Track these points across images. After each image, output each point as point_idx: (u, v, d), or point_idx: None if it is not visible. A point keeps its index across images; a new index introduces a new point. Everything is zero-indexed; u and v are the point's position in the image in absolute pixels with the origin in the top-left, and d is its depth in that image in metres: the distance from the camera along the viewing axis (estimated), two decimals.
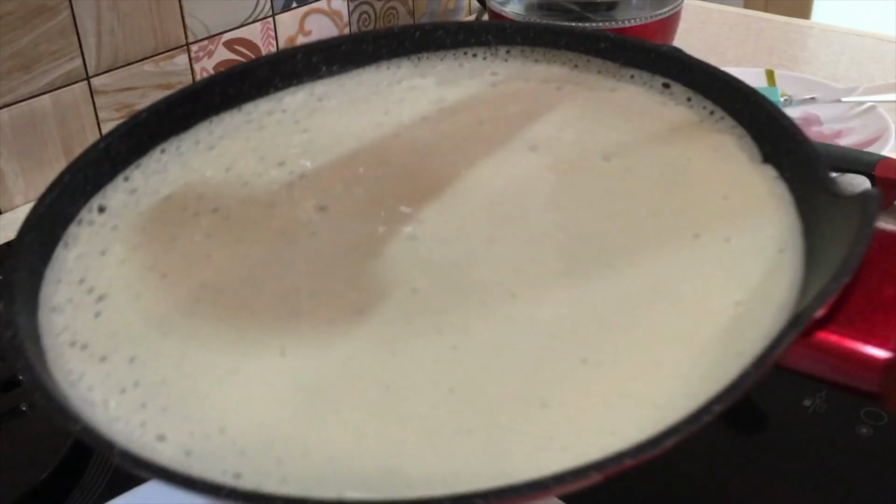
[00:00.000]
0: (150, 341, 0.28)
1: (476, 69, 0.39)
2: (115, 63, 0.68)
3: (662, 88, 0.36)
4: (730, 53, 0.88)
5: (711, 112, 0.34)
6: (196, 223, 0.32)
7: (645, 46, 0.36)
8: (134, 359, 0.28)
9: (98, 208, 0.33)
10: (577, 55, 0.38)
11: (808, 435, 0.44)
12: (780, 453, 0.43)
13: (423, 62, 0.39)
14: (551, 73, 0.38)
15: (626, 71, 0.37)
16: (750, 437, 0.44)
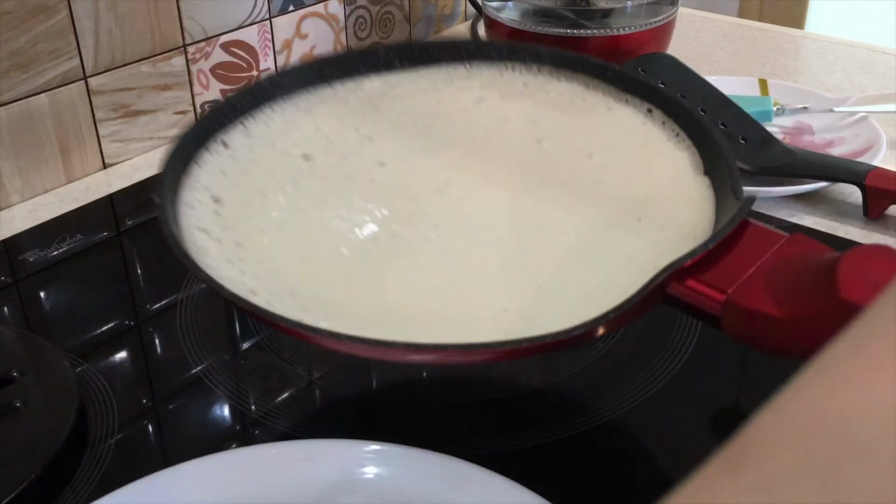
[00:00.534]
0: (249, 233, 0.41)
1: (512, 80, 0.50)
2: (112, 63, 0.68)
3: (646, 112, 0.48)
4: (723, 62, 0.89)
5: (677, 134, 0.46)
6: (289, 161, 0.45)
7: (638, 78, 0.49)
8: (239, 243, 0.40)
9: (222, 142, 0.45)
10: (590, 79, 0.49)
11: None
12: None
13: (474, 69, 0.50)
14: (568, 89, 0.50)
15: (622, 95, 0.48)
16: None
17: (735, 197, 0.39)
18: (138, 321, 0.54)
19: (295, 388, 0.47)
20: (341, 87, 0.49)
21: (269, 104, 0.47)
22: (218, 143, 0.45)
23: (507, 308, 0.39)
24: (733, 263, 0.36)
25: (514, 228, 0.43)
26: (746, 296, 0.35)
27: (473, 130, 0.48)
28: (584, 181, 0.45)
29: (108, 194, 0.68)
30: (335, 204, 0.43)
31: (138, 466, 0.43)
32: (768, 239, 0.37)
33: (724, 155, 0.42)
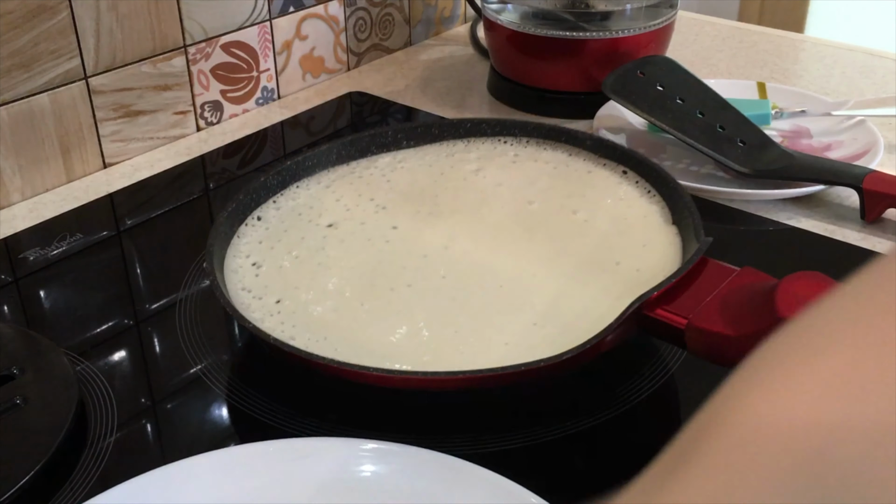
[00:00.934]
0: (287, 291, 0.49)
1: (504, 151, 0.61)
2: (113, 63, 0.69)
3: (622, 173, 0.58)
4: (722, 65, 0.89)
5: (649, 191, 0.56)
6: (316, 230, 0.54)
7: (614, 145, 0.59)
8: (279, 300, 0.49)
9: (256, 217, 0.55)
10: (572, 147, 0.60)
11: None
12: None
13: (471, 143, 0.61)
14: (553, 157, 0.60)
15: (601, 160, 0.59)
16: None
17: (697, 241, 0.48)
18: (138, 320, 0.54)
19: (292, 387, 0.48)
20: (357, 165, 0.59)
21: (295, 183, 0.57)
22: (253, 218, 0.55)
23: (508, 342, 0.45)
24: (694, 293, 0.44)
25: (510, 276, 0.50)
26: (704, 319, 0.42)
27: (472, 195, 0.56)
28: (569, 234, 0.52)
29: (108, 194, 0.68)
30: (358, 264, 0.51)
31: (137, 464, 0.43)
32: (723, 272, 0.45)
33: (689, 207, 0.51)
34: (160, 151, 0.74)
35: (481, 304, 0.48)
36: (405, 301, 0.48)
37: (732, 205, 0.65)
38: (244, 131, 0.78)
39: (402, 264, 0.51)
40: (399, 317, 0.47)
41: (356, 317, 0.47)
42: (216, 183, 0.71)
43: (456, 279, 0.50)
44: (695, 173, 0.69)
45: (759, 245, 0.62)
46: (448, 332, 0.46)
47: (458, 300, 0.48)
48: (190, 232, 0.64)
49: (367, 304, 0.48)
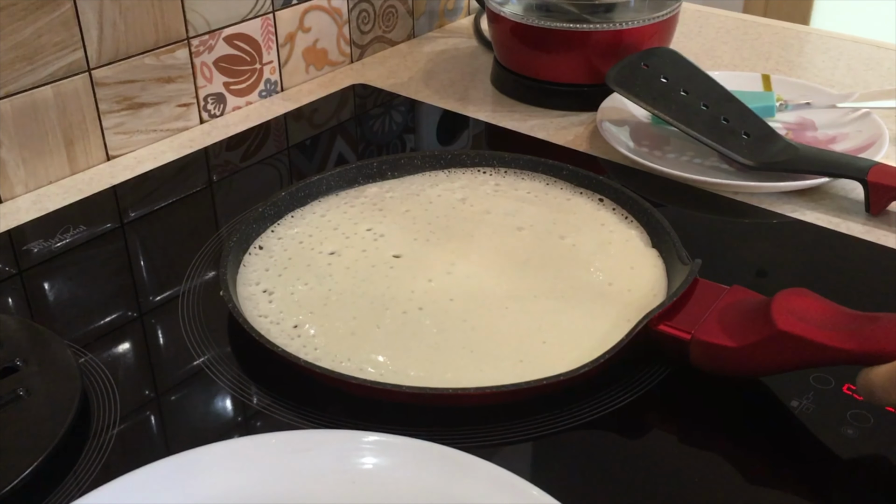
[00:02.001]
0: (303, 316, 0.51)
1: (485, 180, 0.64)
2: (116, 56, 0.68)
3: (599, 201, 0.61)
4: (726, 57, 0.89)
5: (626, 217, 0.59)
6: (320, 257, 0.56)
7: (589, 175, 0.62)
8: (296, 325, 0.50)
9: (258, 246, 0.57)
10: (549, 177, 0.63)
11: (795, 435, 0.44)
12: (767, 452, 0.43)
13: (452, 174, 0.64)
14: (532, 186, 0.63)
15: (578, 188, 0.62)
16: (738, 437, 0.44)
17: (682, 262, 0.51)
18: (141, 312, 0.54)
19: (295, 380, 0.48)
20: (346, 195, 0.62)
21: (290, 213, 0.59)
22: (255, 247, 0.56)
23: (522, 359, 0.47)
24: (692, 310, 0.47)
25: (513, 298, 0.52)
26: (707, 332, 0.46)
27: (463, 223, 0.59)
28: (561, 258, 0.55)
29: (111, 186, 0.68)
30: (366, 290, 0.52)
31: (140, 455, 0.43)
32: (715, 291, 0.48)
33: (667, 232, 0.55)
34: (163, 144, 0.74)
35: (491, 325, 0.50)
36: (419, 323, 0.50)
37: (737, 197, 0.65)
38: (247, 124, 0.77)
39: (409, 288, 0.52)
40: (415, 338, 0.49)
41: (374, 338, 0.49)
42: (219, 175, 0.71)
43: (464, 302, 0.51)
44: (699, 165, 0.68)
45: (764, 238, 0.61)
46: (465, 352, 0.48)
47: (470, 321, 0.50)
48: (193, 225, 0.64)
49: (384, 327, 0.50)
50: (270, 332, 0.49)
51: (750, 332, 0.44)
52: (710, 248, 0.60)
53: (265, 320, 0.50)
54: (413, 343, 0.48)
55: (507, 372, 0.46)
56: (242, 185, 0.70)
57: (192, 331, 0.52)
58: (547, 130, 0.76)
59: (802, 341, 0.42)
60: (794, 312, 0.43)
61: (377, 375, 0.46)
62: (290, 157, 0.75)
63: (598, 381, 0.46)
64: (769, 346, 0.43)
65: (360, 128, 0.79)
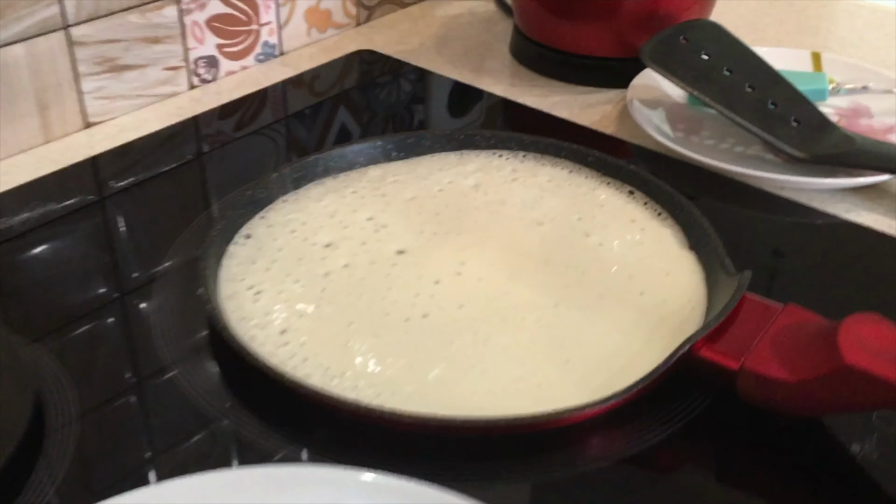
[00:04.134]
0: (292, 320, 0.44)
1: (501, 165, 0.57)
2: (97, 12, 0.62)
3: (628, 193, 0.54)
4: (770, 31, 0.81)
5: (659, 213, 0.52)
6: (314, 250, 0.49)
7: (618, 163, 0.55)
8: (284, 330, 0.44)
9: (245, 235, 0.50)
10: (572, 164, 0.56)
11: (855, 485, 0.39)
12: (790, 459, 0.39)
13: (464, 156, 0.57)
14: (554, 173, 0.56)
15: (604, 178, 0.55)
16: (788, 483, 0.38)
17: (725, 271, 0.45)
18: (121, 293, 0.48)
19: (280, 396, 0.41)
20: (346, 178, 0.55)
21: (282, 196, 0.53)
22: (242, 236, 0.50)
23: (541, 382, 0.41)
24: (739, 333, 0.41)
25: (531, 307, 0.45)
26: (758, 363, 0.39)
27: (476, 214, 0.52)
28: (585, 259, 0.48)
29: (89, 157, 0.62)
30: (365, 289, 0.46)
31: (96, 480, 0.37)
32: (766, 311, 0.42)
33: (708, 233, 0.48)
34: (148, 111, 0.67)
35: (506, 340, 0.43)
36: (424, 334, 0.43)
37: (783, 193, 0.58)
38: (242, 90, 0.71)
39: (414, 291, 0.46)
40: (420, 352, 0.42)
41: (372, 350, 0.43)
42: (210, 147, 0.65)
43: (475, 310, 0.45)
44: (740, 155, 0.62)
45: (814, 241, 0.55)
46: (476, 372, 0.42)
47: (481, 334, 0.43)
48: (179, 202, 0.58)
49: (383, 336, 0.43)
50: (255, 338, 0.43)
51: (810, 364, 0.38)
52: (752, 252, 0.53)
53: (249, 324, 0.44)
54: (416, 358, 0.42)
55: (523, 397, 0.40)
56: (235, 158, 0.63)
57: (166, 329, 0.46)
58: (571, 109, 0.69)
59: (874, 379, 0.36)
60: (865, 343, 0.37)
61: (373, 396, 0.40)
62: (288, 127, 0.69)
63: (628, 412, 0.40)
64: (833, 383, 0.37)
65: (365, 97, 0.72)
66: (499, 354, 0.42)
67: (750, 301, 0.43)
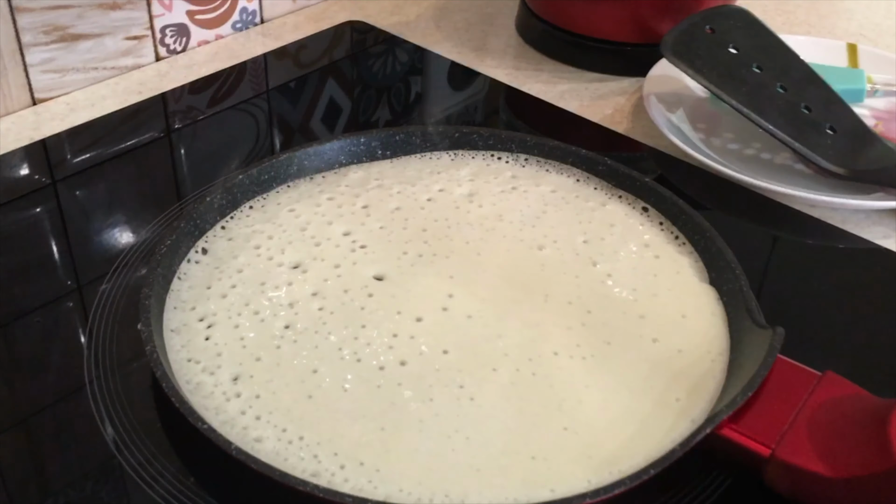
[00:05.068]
0: (247, 363, 0.38)
1: (500, 170, 0.50)
2: None
3: (642, 211, 0.47)
4: (799, 14, 0.74)
5: (676, 237, 0.46)
6: (279, 273, 0.43)
7: (632, 175, 0.48)
8: (237, 377, 0.38)
9: (202, 250, 0.44)
10: (581, 171, 0.50)
11: None
12: None
13: (458, 158, 0.51)
14: (559, 182, 0.49)
15: (616, 191, 0.48)
16: None
17: (751, 319, 0.39)
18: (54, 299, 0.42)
19: (226, 464, 0.35)
20: (322, 181, 0.48)
21: (247, 202, 0.46)
22: (198, 251, 0.43)
23: (535, 455, 0.35)
24: (771, 410, 0.35)
25: (526, 355, 0.39)
26: (792, 451, 0.34)
27: (469, 233, 0.45)
28: (591, 295, 0.42)
29: (35, 141, 0.55)
30: (335, 327, 0.40)
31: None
32: (802, 379, 0.36)
33: (733, 268, 0.42)
34: (105, 86, 0.60)
35: (496, 398, 0.37)
36: (400, 388, 0.37)
37: (813, 212, 0.52)
38: (216, 64, 0.64)
39: (391, 330, 0.40)
40: (394, 412, 0.36)
41: (338, 407, 0.36)
42: (179, 124, 0.58)
43: (461, 357, 0.39)
44: (767, 163, 0.55)
45: (843, 270, 0.49)
46: (458, 440, 0.35)
47: (468, 388, 0.37)
48: (139, 194, 0.52)
49: (352, 389, 0.37)
50: (201, 387, 0.37)
51: (855, 459, 0.32)
52: (780, 287, 0.47)
53: (196, 367, 0.38)
54: (389, 419, 0.36)
55: (512, 474, 0.34)
56: (208, 141, 0.57)
57: (100, 362, 0.40)
58: (580, 99, 0.62)
59: None
60: None
61: (336, 469, 0.34)
62: (269, 102, 0.62)
63: (636, 496, 0.34)
64: (883, 484, 0.31)
65: (356, 68, 0.65)
66: (486, 418, 0.36)
67: (783, 365, 0.36)
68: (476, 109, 0.64)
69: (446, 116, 0.62)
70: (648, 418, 0.36)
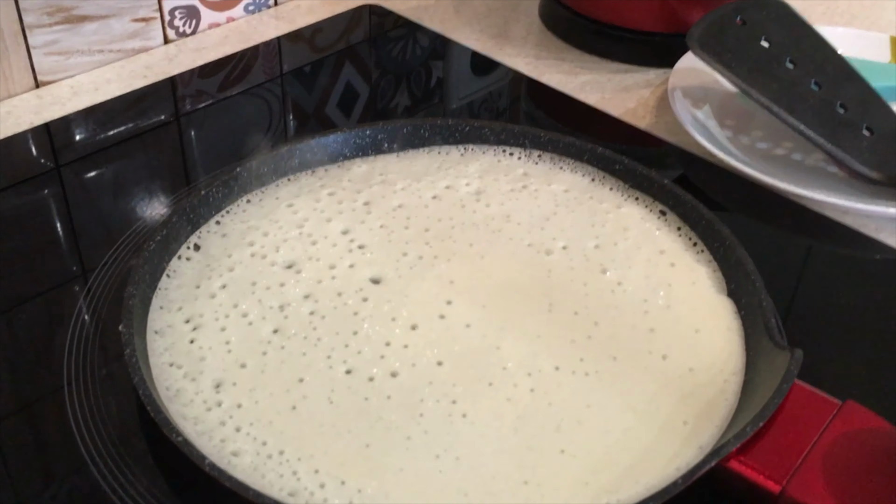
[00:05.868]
0: (231, 370, 0.37)
1: (511, 167, 0.48)
2: None
3: (660, 214, 0.45)
4: (842, 3, 0.70)
5: (695, 244, 0.43)
6: (272, 272, 0.41)
7: (650, 176, 0.46)
8: (219, 384, 0.36)
9: (194, 246, 0.42)
10: (596, 170, 0.47)
11: None
12: None
13: (469, 153, 0.49)
14: (573, 181, 0.47)
15: (633, 192, 0.46)
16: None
17: (769, 337, 0.37)
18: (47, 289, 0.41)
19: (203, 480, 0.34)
20: (324, 174, 0.47)
21: (245, 196, 0.45)
22: (189, 247, 0.42)
23: (528, 480, 0.33)
24: (784, 441, 0.33)
25: (526, 368, 0.37)
26: (805, 489, 0.32)
27: (473, 234, 0.43)
28: (599, 305, 0.40)
29: (36, 125, 0.54)
30: (325, 333, 0.38)
31: None
32: (819, 408, 0.34)
33: (752, 278, 0.40)
34: (110, 69, 0.59)
35: (490, 417, 0.35)
36: (390, 402, 0.35)
37: (845, 220, 0.49)
38: (227, 47, 0.62)
39: (384, 338, 0.38)
40: (381, 426, 0.34)
41: (322, 420, 0.35)
42: (189, 109, 0.56)
43: (455, 370, 0.37)
44: (797, 165, 0.52)
45: (875, 284, 0.46)
46: (447, 460, 0.33)
47: (461, 404, 0.35)
48: (142, 185, 0.50)
49: (338, 401, 0.35)
50: (181, 394, 0.35)
51: (874, 500, 0.30)
52: (805, 300, 0.44)
53: (178, 372, 0.36)
54: (376, 435, 0.34)
55: (504, 499, 0.32)
56: (219, 127, 0.55)
57: (79, 362, 0.39)
58: (602, 91, 0.59)
59: None
60: None
61: (316, 488, 0.32)
62: (283, 87, 0.60)
63: None
64: None
65: (374, 53, 0.64)
66: (478, 438, 0.34)
67: (800, 392, 0.34)
68: (500, 96, 0.62)
69: (468, 104, 0.60)
70: (652, 443, 0.34)
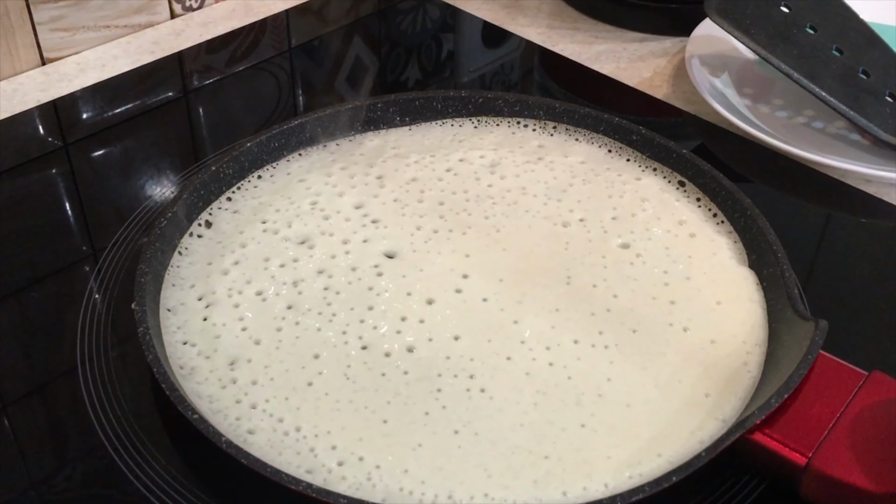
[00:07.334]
0: (245, 348, 0.36)
1: (526, 139, 0.47)
2: None
3: (679, 185, 0.44)
4: None
5: (715, 214, 0.43)
6: (285, 248, 0.40)
7: (669, 146, 0.45)
8: (233, 362, 0.35)
9: (205, 223, 0.42)
10: (613, 141, 0.46)
11: None
12: None
13: (482, 125, 0.48)
14: (589, 153, 0.46)
15: (651, 163, 0.45)
16: None
17: (793, 308, 0.36)
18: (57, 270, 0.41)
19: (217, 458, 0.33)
20: (336, 149, 0.46)
21: (256, 171, 0.44)
22: (201, 224, 0.41)
23: (548, 454, 0.33)
24: (810, 412, 0.32)
25: (543, 342, 0.36)
26: (832, 461, 0.31)
27: (489, 206, 0.43)
28: (618, 278, 0.39)
29: (42, 103, 0.53)
30: (340, 308, 0.37)
31: None
32: (846, 378, 0.33)
33: (774, 248, 0.39)
34: (117, 45, 0.58)
35: (508, 392, 0.34)
36: (406, 376, 0.35)
37: (868, 188, 0.47)
38: (234, 21, 0.61)
39: (399, 313, 0.37)
40: (398, 404, 0.34)
41: (339, 396, 0.34)
42: (196, 85, 0.55)
43: (473, 344, 0.36)
44: (818, 133, 0.51)
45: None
46: (466, 435, 0.33)
47: (478, 379, 0.35)
48: (150, 162, 0.49)
49: (355, 377, 0.35)
50: (196, 371, 0.35)
51: None
52: (829, 271, 0.43)
53: (192, 350, 0.36)
54: (393, 412, 0.33)
55: (524, 476, 0.31)
56: (228, 102, 0.55)
57: (93, 340, 0.38)
58: (618, 61, 0.58)
59: None
60: None
61: (335, 465, 0.32)
62: (291, 61, 0.59)
63: (657, 502, 0.31)
64: None
65: (385, 25, 0.63)
66: (497, 412, 0.33)
67: (825, 362, 0.33)
68: (512, 68, 0.61)
69: (480, 76, 0.59)
70: (675, 416, 0.34)
